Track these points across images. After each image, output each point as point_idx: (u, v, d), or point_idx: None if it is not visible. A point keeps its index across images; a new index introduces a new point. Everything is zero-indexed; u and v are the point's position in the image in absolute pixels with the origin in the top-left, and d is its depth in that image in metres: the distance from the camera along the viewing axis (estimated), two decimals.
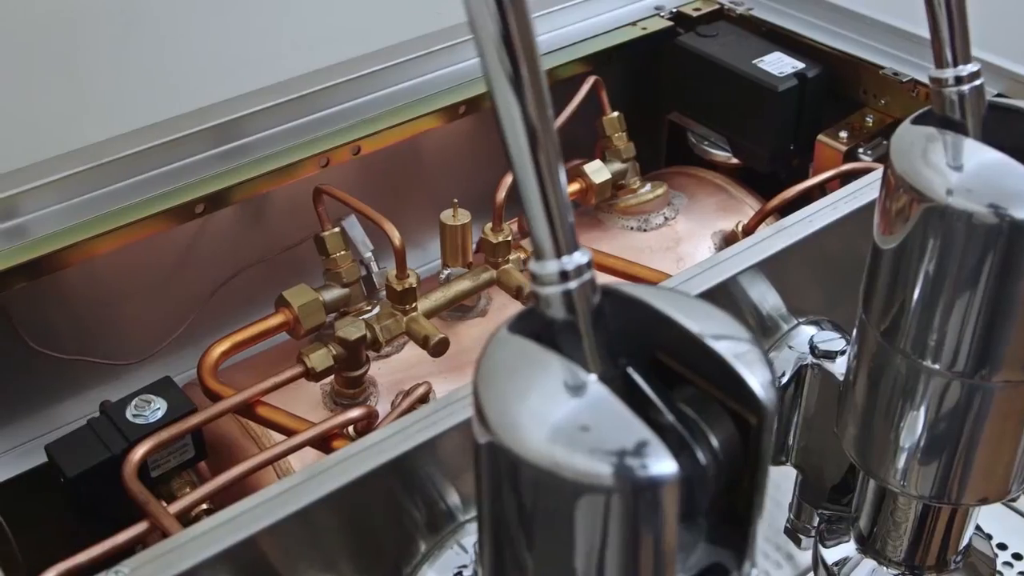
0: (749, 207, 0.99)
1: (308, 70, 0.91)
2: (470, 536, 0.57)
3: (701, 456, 0.39)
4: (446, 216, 0.78)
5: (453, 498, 0.57)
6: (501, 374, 0.38)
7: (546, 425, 0.36)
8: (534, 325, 0.40)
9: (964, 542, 0.66)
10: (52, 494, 0.79)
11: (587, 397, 0.37)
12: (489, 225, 0.78)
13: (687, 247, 0.94)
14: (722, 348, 0.39)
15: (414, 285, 0.73)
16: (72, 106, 0.82)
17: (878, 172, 0.74)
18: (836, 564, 0.70)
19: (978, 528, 0.68)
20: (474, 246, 0.83)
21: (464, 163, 1.08)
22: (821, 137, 0.97)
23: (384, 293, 0.84)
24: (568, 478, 0.35)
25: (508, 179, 0.79)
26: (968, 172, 0.52)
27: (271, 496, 0.49)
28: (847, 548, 0.70)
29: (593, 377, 0.37)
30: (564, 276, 0.38)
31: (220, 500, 0.65)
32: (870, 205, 0.69)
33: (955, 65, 0.52)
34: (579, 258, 0.38)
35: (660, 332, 0.40)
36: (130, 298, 0.89)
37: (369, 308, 0.80)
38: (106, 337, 0.88)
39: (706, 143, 1.08)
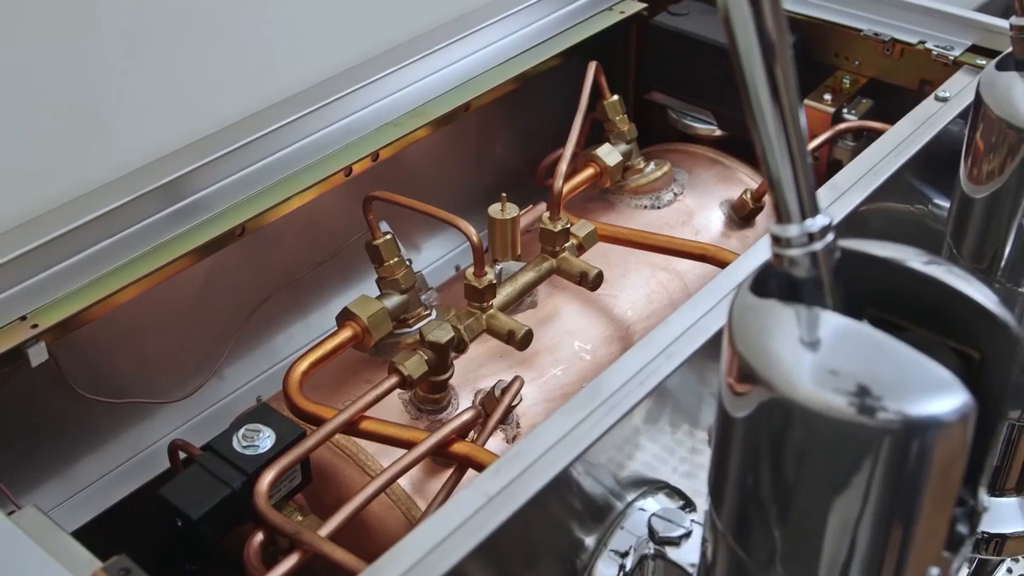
0: (744, 175, 1.03)
1: (313, 83, 0.89)
2: (632, 517, 0.58)
3: None
4: (494, 211, 0.78)
5: (615, 488, 0.58)
6: (766, 336, 0.40)
7: (842, 376, 0.37)
8: (774, 285, 0.41)
9: None
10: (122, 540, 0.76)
11: (869, 344, 0.38)
12: (547, 214, 0.78)
13: (701, 219, 0.97)
14: (958, 284, 0.41)
15: (494, 281, 0.73)
16: (89, 138, 0.78)
17: (900, 127, 0.79)
18: None
19: None
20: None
21: (450, 166, 1.08)
22: (807, 101, 1.01)
23: (426, 296, 0.84)
24: (882, 425, 0.36)
25: (563, 166, 0.80)
26: None
27: (465, 519, 0.49)
28: None
29: (865, 325, 0.39)
30: (810, 238, 0.40)
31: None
32: (924, 150, 0.74)
33: None
34: (822, 220, 0.40)
35: (885, 280, 0.43)
36: (162, 335, 0.85)
37: (427, 312, 0.79)
38: (145, 377, 0.84)
39: (688, 118, 1.11)
